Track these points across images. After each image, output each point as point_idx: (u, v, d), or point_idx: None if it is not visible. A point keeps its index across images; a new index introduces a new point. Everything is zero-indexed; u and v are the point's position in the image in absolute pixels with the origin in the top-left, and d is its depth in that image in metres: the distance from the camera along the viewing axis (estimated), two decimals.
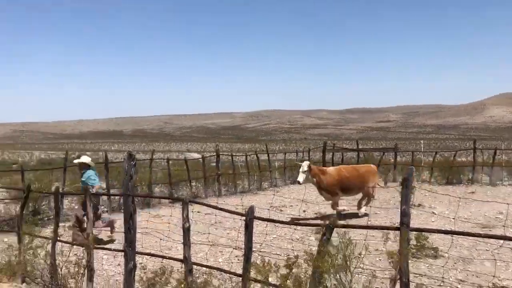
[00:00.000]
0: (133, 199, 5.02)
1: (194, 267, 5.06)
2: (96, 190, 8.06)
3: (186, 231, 4.88)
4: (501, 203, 9.58)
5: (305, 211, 11.35)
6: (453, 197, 9.63)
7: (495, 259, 6.08)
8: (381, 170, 19.02)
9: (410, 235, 4.22)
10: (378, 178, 11.19)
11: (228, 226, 9.30)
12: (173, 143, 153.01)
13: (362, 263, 4.77)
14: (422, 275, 6.03)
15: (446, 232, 4.20)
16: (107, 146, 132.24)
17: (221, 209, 5.26)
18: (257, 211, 4.73)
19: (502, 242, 5.98)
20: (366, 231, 4.87)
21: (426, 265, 6.56)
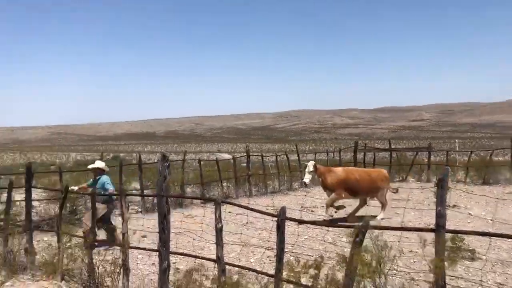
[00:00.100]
0: (167, 200, 5.12)
1: (226, 267, 5.12)
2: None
3: (219, 232, 4.94)
4: None
5: (336, 212, 11.25)
6: (490, 197, 9.35)
7: None
8: (414, 170, 18.67)
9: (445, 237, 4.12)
10: (388, 183, 10.90)
11: (259, 227, 9.34)
12: (204, 144, 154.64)
13: (396, 265, 4.71)
14: (459, 278, 5.89)
15: (484, 234, 4.08)
16: (140, 147, 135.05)
17: (252, 209, 5.29)
18: (288, 212, 4.74)
19: None
20: (400, 233, 4.80)
21: (463, 267, 6.39)
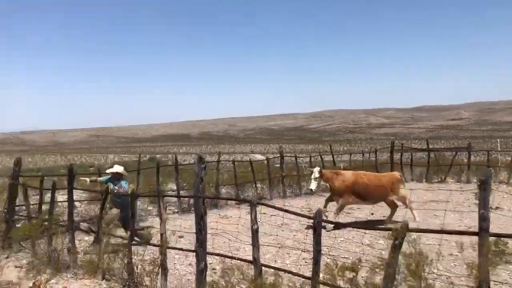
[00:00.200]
0: (203, 201, 5.20)
1: (262, 269, 5.13)
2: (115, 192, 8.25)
3: (255, 233, 4.96)
4: None
5: (372, 214, 11.08)
6: None
7: None
8: (453, 171, 18.11)
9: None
10: (402, 186, 10.47)
11: (294, 228, 9.31)
12: (237, 145, 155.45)
13: (437, 269, 4.59)
14: (503, 283, 5.68)
15: None
16: (176, 148, 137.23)
17: (288, 211, 5.29)
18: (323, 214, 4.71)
19: None
20: (440, 236, 4.68)
21: (507, 272, 6.16)
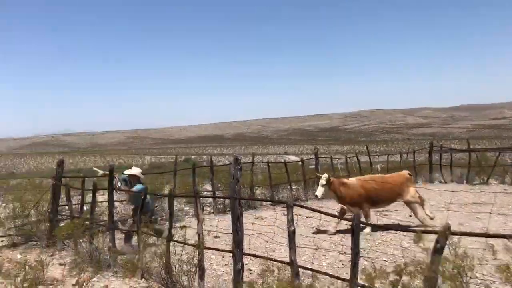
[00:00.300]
0: (239, 202, 5.23)
1: (299, 270, 5.10)
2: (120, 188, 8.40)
3: (291, 234, 4.94)
4: None
5: (411, 216, 10.80)
6: None
7: None
8: (497, 172, 17.44)
9: None
10: (412, 184, 10.07)
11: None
12: (270, 146, 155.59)
13: (479, 273, 4.42)
14: None
15: None
16: (210, 149, 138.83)
17: (325, 213, 5.24)
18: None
19: None
20: (484, 240, 4.51)
21: None
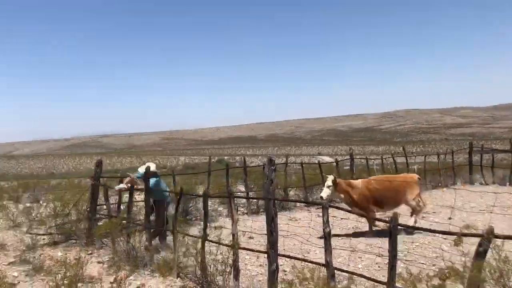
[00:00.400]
0: (274, 203, 5.20)
1: (334, 272, 5.02)
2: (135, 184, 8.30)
3: (327, 236, 4.86)
4: None
5: (451, 218, 10.47)
6: None
7: None
8: None
9: None
10: (418, 187, 9.68)
11: (366, 231, 9.05)
12: (304, 147, 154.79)
13: None
14: None
15: None
16: (243, 150, 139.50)
17: (361, 215, 5.14)
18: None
19: None
20: None
21: None
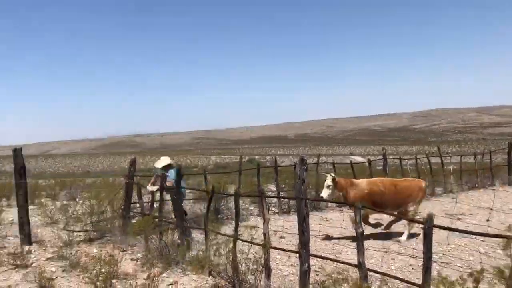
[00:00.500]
0: (305, 203, 5.20)
1: (367, 273, 4.97)
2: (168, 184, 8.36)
3: (360, 236, 4.82)
4: None
5: (488, 220, 10.15)
6: None
7: None
8: None
9: None
10: (423, 195, 9.32)
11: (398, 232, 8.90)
12: (335, 147, 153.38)
13: None
14: None
15: None
16: (273, 150, 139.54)
17: (393, 215, 5.07)
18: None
19: None
20: None
21: None
